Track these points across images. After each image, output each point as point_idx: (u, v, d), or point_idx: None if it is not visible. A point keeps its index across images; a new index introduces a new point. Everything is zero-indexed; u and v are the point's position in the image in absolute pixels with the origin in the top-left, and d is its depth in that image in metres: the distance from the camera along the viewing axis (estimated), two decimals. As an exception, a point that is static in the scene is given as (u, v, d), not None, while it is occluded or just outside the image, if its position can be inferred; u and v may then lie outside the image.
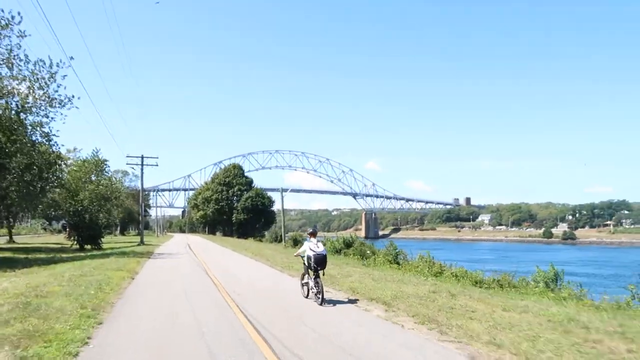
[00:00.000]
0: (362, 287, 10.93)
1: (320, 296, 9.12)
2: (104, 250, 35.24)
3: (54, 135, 24.73)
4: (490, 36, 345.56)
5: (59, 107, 23.00)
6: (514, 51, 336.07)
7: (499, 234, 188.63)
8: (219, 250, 30.76)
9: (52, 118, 23.27)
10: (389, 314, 8.17)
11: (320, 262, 9.28)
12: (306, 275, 9.90)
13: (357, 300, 9.59)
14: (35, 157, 24.23)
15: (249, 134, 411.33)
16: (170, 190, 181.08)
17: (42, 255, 26.93)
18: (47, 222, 77.84)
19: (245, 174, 77.13)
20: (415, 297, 9.37)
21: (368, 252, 29.70)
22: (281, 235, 45.77)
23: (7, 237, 45.78)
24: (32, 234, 66.93)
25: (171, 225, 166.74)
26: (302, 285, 10.14)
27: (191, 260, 20.92)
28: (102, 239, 39.40)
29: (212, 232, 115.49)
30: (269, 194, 75.98)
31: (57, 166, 27.11)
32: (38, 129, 23.72)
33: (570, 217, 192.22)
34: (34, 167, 25.05)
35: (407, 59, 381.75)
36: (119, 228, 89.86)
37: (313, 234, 9.94)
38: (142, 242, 39.66)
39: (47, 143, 24.93)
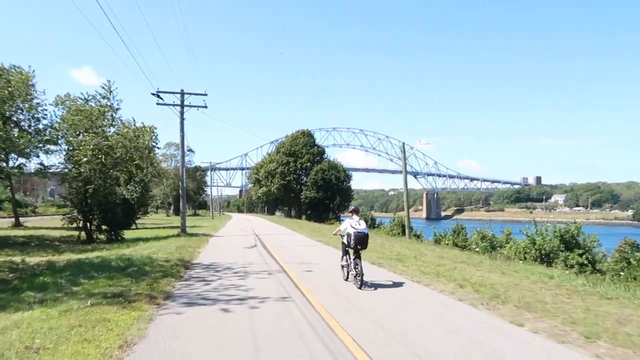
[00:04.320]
0: None
1: (360, 279, 7.89)
2: (121, 243, 20.13)
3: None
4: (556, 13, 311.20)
5: None
6: (572, 27, 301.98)
7: (578, 216, 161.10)
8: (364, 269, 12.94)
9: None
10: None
11: (361, 240, 8.07)
12: (344, 257, 8.67)
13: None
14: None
15: (306, 113, 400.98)
16: (227, 169, 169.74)
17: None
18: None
19: (317, 143, 59.82)
20: None
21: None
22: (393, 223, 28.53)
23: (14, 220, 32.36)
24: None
25: (229, 205, 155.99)
26: (342, 267, 8.86)
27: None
28: (136, 223, 24.59)
29: (272, 212, 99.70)
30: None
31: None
32: None
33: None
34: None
35: (456, 38, 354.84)
36: (172, 207, 76.64)
37: (355, 212, 8.70)
38: (183, 231, 22.93)
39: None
